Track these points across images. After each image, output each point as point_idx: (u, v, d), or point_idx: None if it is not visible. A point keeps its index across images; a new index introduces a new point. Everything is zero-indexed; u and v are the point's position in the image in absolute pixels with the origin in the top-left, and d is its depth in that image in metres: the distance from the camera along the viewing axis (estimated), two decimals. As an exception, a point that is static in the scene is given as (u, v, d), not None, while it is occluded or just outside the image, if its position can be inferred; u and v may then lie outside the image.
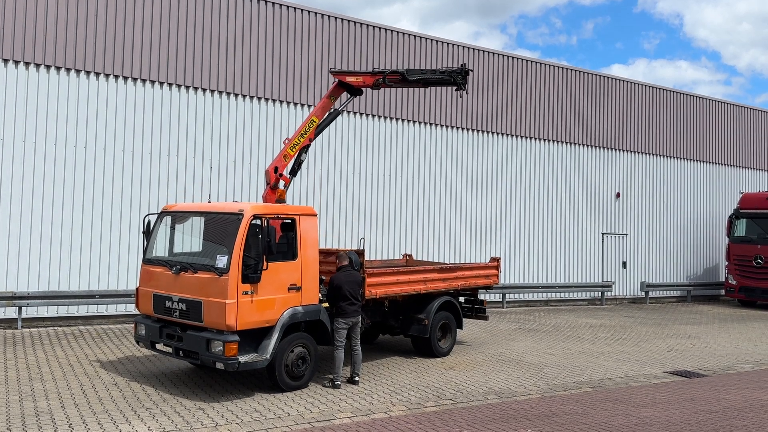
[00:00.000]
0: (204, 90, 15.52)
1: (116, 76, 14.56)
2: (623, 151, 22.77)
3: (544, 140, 20.92)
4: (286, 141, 11.10)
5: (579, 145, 21.68)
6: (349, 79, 11.51)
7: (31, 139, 13.70)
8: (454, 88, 11.26)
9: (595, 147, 22.08)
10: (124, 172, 14.58)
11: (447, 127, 19.02)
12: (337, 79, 11.58)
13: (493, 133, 19.87)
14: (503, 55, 20.21)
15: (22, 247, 13.49)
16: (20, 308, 13.24)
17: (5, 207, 13.40)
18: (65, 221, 13.90)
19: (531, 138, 20.63)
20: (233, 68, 15.80)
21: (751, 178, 26.33)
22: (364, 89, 11.86)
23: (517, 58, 20.50)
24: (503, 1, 77.74)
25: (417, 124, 18.50)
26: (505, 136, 20.12)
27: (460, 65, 11.29)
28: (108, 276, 14.29)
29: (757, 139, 26.51)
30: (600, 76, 22.32)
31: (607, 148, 22.38)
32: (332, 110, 11.51)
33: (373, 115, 17.67)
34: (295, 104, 16.65)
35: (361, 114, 17.51)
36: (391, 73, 11.40)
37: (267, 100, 16.28)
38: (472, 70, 11.02)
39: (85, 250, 14.07)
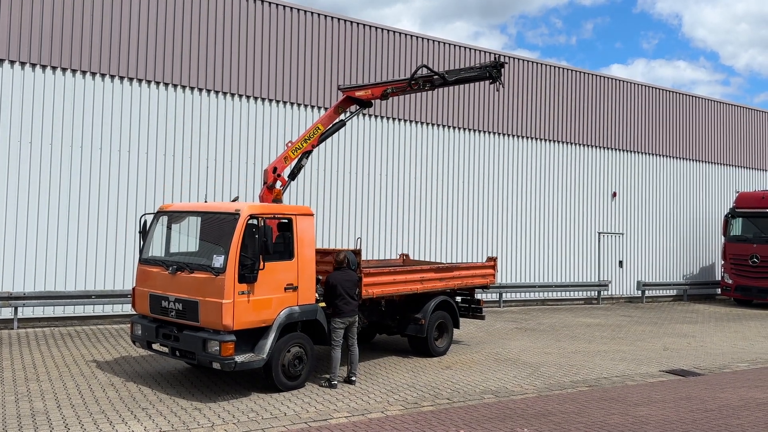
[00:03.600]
0: (200, 90, 15.51)
1: (112, 76, 14.54)
2: (620, 150, 22.81)
3: (542, 140, 20.94)
4: (289, 144, 11.11)
5: (576, 144, 21.71)
6: (358, 93, 11.54)
7: (27, 139, 13.67)
8: (489, 82, 11.26)
9: (592, 146, 22.12)
10: (121, 171, 14.55)
11: (444, 126, 19.03)
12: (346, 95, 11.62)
13: (490, 132, 19.89)
14: (502, 56, 20.21)
15: (18, 248, 13.46)
16: (16, 308, 13.21)
17: (0, 207, 13.36)
18: (61, 221, 13.87)
19: (528, 137, 20.65)
20: (230, 68, 15.78)
21: (747, 177, 26.40)
22: (373, 101, 11.85)
23: (516, 58, 20.52)
24: (504, 1, 77.94)
25: (413, 123, 18.51)
26: (502, 135, 20.14)
27: (493, 59, 11.18)
28: (104, 276, 14.27)
29: (753, 139, 26.57)
30: (597, 75, 22.35)
31: (604, 148, 22.41)
32: (337, 121, 11.54)
33: (370, 115, 17.67)
34: (291, 104, 16.64)
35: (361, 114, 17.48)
36: (428, 77, 11.28)
37: (264, 100, 16.27)
38: (507, 63, 10.94)
39: (81, 250, 14.04)
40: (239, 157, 15.90)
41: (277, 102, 16.46)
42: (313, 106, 16.86)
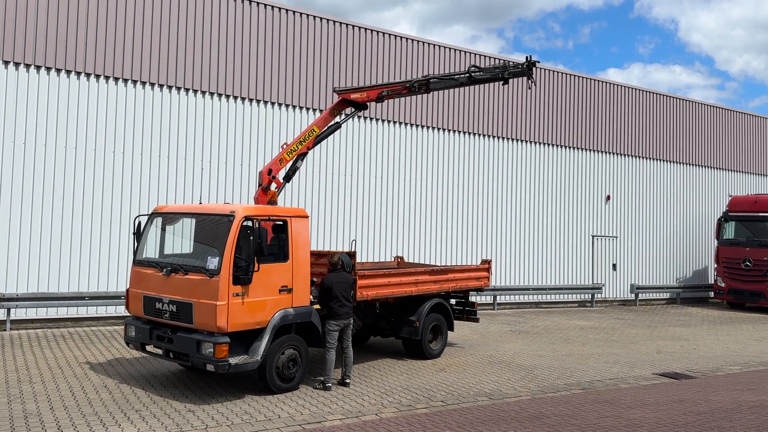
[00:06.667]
0: (195, 91, 15.49)
1: (107, 77, 14.50)
2: (614, 154, 22.90)
3: (536, 143, 21.00)
4: (284, 146, 11.10)
5: (570, 148, 21.78)
6: (354, 95, 11.51)
7: (21, 140, 13.63)
8: (501, 83, 11.27)
9: (587, 150, 22.19)
10: (115, 173, 14.51)
11: (439, 129, 19.06)
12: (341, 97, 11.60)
13: (485, 135, 19.94)
14: (497, 59, 20.26)
15: (11, 249, 13.39)
16: (9, 310, 13.14)
17: (-6, 208, 13.32)
18: (55, 222, 13.82)
19: (523, 141, 20.70)
20: (225, 70, 15.77)
21: (740, 182, 26.54)
22: (369, 103, 11.82)
23: (512, 62, 20.57)
24: (502, 5, 78.23)
25: (409, 126, 18.53)
26: (497, 139, 20.18)
27: (526, 57, 11.10)
28: (98, 277, 14.21)
29: (747, 143, 26.72)
30: (592, 79, 22.44)
31: (599, 151, 22.50)
32: (333, 123, 11.52)
33: (366, 118, 17.68)
34: (287, 106, 16.63)
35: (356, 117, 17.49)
36: (424, 80, 11.15)
37: (260, 102, 16.26)
38: (539, 62, 10.94)
39: (74, 251, 13.99)
40: (234, 159, 15.88)
41: (273, 104, 16.46)
42: (309, 109, 16.87)
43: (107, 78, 14.50)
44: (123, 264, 14.21)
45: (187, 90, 15.37)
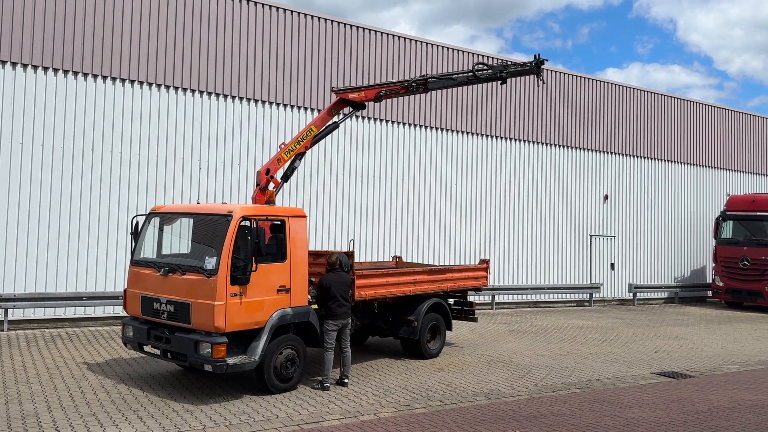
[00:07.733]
0: (193, 91, 15.47)
1: (104, 77, 14.48)
2: (612, 153, 22.91)
3: (535, 143, 21.01)
4: (282, 146, 11.09)
5: (569, 147, 21.79)
6: (351, 95, 11.50)
7: (18, 140, 13.60)
8: (500, 83, 11.21)
9: (585, 150, 22.20)
10: (112, 173, 14.49)
11: (438, 129, 19.06)
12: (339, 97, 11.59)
13: (483, 135, 19.94)
14: (495, 59, 20.28)
15: (9, 249, 13.37)
16: (6, 310, 13.12)
17: (-8, 208, 13.29)
18: (52, 222, 13.80)
19: (521, 140, 20.71)
20: (222, 70, 15.75)
21: (738, 181, 26.56)
22: (366, 103, 11.80)
23: (509, 61, 20.56)
24: (501, 5, 78.31)
25: (408, 126, 18.52)
26: (495, 138, 20.19)
27: (535, 56, 11.08)
28: (95, 277, 14.20)
29: (745, 143, 26.75)
30: (589, 78, 22.44)
31: (597, 151, 22.51)
32: (331, 123, 11.51)
33: (365, 117, 17.66)
34: (285, 106, 16.62)
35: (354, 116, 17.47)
36: (422, 80, 11.10)
37: (258, 101, 16.25)
38: (547, 60, 10.93)
39: (72, 251, 13.97)
40: (232, 159, 15.86)
41: (271, 104, 16.44)
42: (307, 108, 16.85)
43: (105, 78, 14.48)
44: (121, 264, 14.19)
45: (185, 90, 15.35)
